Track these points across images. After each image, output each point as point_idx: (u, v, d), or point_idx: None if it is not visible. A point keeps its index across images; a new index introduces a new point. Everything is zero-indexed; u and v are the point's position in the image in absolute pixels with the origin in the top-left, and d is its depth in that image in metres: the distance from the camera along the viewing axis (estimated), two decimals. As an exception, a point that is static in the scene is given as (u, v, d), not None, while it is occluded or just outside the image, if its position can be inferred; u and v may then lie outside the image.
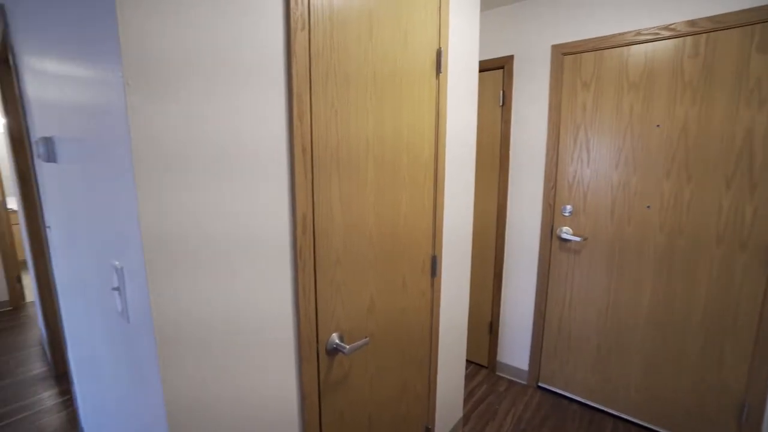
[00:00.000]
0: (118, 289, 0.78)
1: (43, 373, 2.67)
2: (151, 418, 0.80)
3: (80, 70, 0.82)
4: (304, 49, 0.87)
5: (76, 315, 1.53)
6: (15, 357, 2.88)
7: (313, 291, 0.96)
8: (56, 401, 2.36)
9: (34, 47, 1.30)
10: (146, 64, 0.63)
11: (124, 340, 0.88)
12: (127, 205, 0.69)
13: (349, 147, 1.01)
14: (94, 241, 0.96)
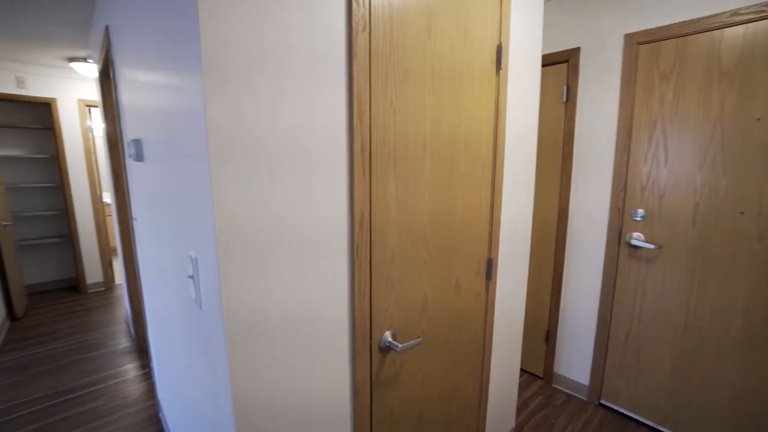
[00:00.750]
0: (193, 277, 0.86)
1: (128, 347, 3.01)
2: (218, 396, 0.86)
3: (167, 79, 0.91)
4: (364, 50, 0.88)
5: (155, 298, 1.71)
6: (106, 332, 3.28)
7: (368, 288, 0.98)
8: (138, 373, 2.65)
9: (129, 61, 1.47)
10: (223, 72, 0.68)
11: (196, 324, 0.96)
12: (203, 200, 0.75)
13: (406, 145, 1.01)
14: (173, 233, 1.07)
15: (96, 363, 2.79)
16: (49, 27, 2.69)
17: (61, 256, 4.30)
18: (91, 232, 4.19)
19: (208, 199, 0.71)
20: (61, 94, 3.91)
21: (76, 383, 2.54)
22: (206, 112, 0.67)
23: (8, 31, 2.74)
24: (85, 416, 2.22)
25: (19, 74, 3.69)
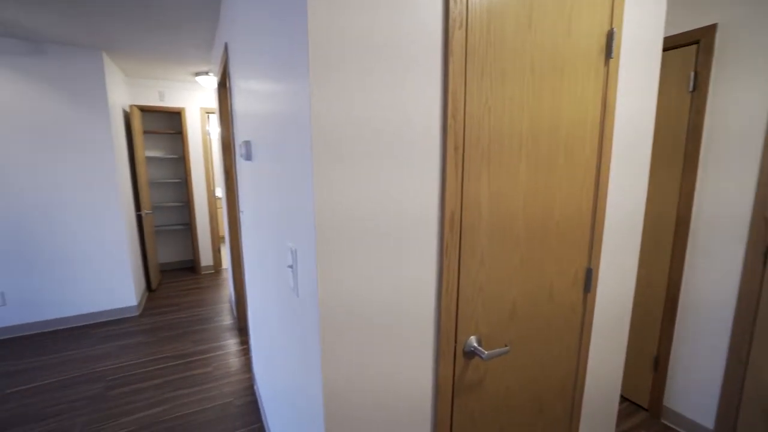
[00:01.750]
0: (292, 267, 0.94)
1: (231, 324, 3.42)
2: (309, 377, 0.93)
3: (276, 85, 1.00)
4: (460, 47, 0.87)
5: (255, 283, 1.91)
6: (214, 308, 3.78)
7: (455, 289, 0.96)
8: (237, 348, 3.00)
9: (242, 72, 1.66)
10: (325, 74, 0.72)
11: (292, 310, 1.05)
12: (305, 195, 0.82)
13: (501, 145, 0.97)
14: (275, 225, 1.18)
15: (206, 334, 3.23)
16: (183, 49, 3.19)
17: (184, 241, 5.07)
18: (206, 222, 4.86)
19: (310, 193, 0.77)
20: (189, 104, 4.60)
21: (192, 349, 2.97)
22: (311, 110, 0.72)
23: (154, 55, 3.32)
24: (199, 378, 2.59)
25: (160, 89, 4.44)
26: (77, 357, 2.88)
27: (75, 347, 3.04)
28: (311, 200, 0.76)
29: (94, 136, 3.27)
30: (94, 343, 3.10)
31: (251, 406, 2.30)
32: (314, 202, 0.75)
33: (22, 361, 2.83)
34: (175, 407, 2.29)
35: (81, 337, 3.21)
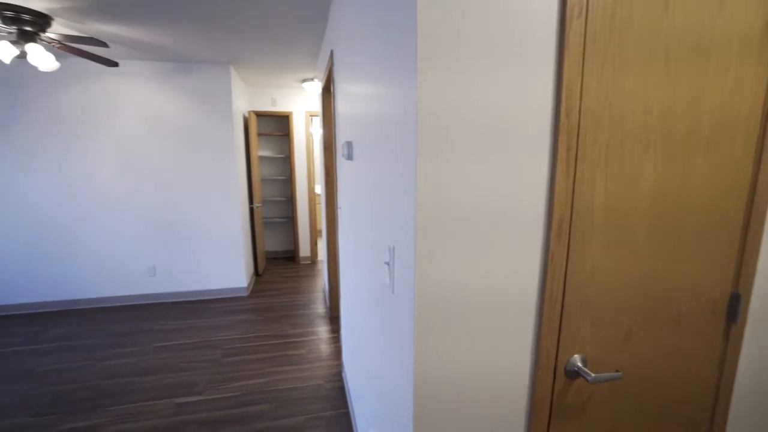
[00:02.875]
0: (389, 264, 0.97)
1: (323, 312, 3.68)
2: (400, 373, 0.95)
3: (380, 88, 1.04)
4: (578, 37, 0.79)
5: (349, 276, 2.02)
6: (309, 296, 4.10)
7: (559, 302, 0.88)
8: (329, 335, 3.22)
9: (347, 77, 1.77)
10: (433, 74, 0.73)
11: (386, 306, 1.08)
12: (407, 193, 0.83)
13: (622, 144, 0.86)
14: (373, 222, 1.22)
15: (302, 319, 3.53)
16: (293, 59, 3.52)
17: (286, 233, 5.61)
18: (305, 216, 5.30)
19: (412, 191, 0.79)
20: (295, 108, 5.07)
21: (289, 331, 3.28)
22: (417, 108, 0.73)
23: (269, 66, 3.74)
24: (294, 358, 2.85)
25: (273, 95, 4.98)
26: (202, 325, 3.41)
27: (200, 317, 3.59)
28: (413, 198, 0.78)
29: (220, 138, 3.82)
30: (213, 315, 3.63)
31: (339, 392, 2.45)
32: (416, 200, 0.76)
33: (168, 322, 3.46)
34: (275, 381, 2.55)
35: (204, 309, 3.78)
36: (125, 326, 3.40)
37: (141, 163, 3.70)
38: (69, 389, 2.49)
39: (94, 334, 3.26)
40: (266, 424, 2.15)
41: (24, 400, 2.38)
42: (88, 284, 3.80)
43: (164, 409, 2.28)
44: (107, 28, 2.67)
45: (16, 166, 3.49)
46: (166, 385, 2.52)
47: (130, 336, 3.21)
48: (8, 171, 3.49)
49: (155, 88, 3.63)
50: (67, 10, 2.35)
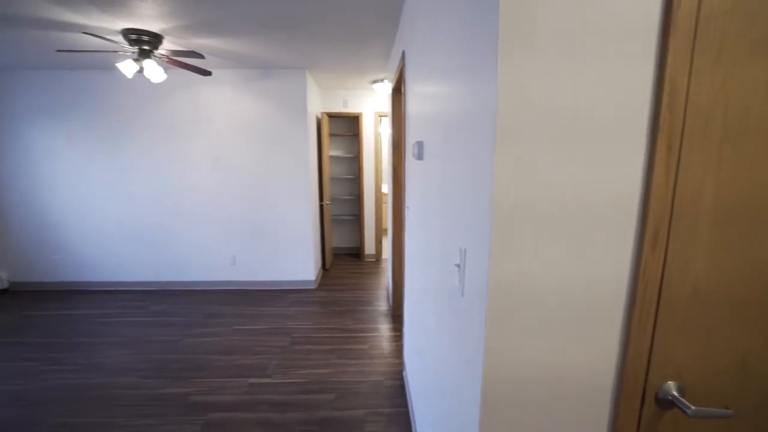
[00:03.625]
0: (459, 266, 0.94)
1: (386, 310, 3.73)
2: (467, 378, 0.92)
3: (455, 86, 1.02)
4: (688, 18, 0.69)
5: (415, 276, 2.02)
6: (373, 293, 4.19)
7: (650, 321, 0.78)
8: (390, 333, 3.25)
9: (418, 76, 1.76)
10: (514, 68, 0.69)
11: (454, 308, 1.06)
12: (480, 196, 0.81)
13: (740, 142, 0.73)
14: (443, 224, 1.21)
15: (365, 315, 3.62)
16: (364, 61, 3.62)
17: (352, 230, 5.80)
18: (372, 214, 5.42)
19: (487, 193, 0.76)
20: (365, 109, 5.20)
21: (353, 326, 3.38)
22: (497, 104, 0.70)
23: (342, 68, 3.89)
24: (356, 353, 2.93)
25: (344, 97, 5.17)
26: (274, 313, 3.66)
27: (272, 305, 3.86)
28: (488, 198, 0.75)
29: (295, 139, 4.07)
30: (284, 305, 3.88)
31: (399, 390, 2.46)
32: (492, 201, 0.73)
33: (245, 308, 3.79)
34: (338, 373, 2.65)
35: (277, 298, 4.06)
36: (210, 308, 3.79)
37: (228, 162, 4.10)
38: (166, 358, 2.84)
39: (185, 313, 3.69)
40: (329, 413, 2.24)
41: (133, 363, 2.78)
42: (181, 269, 4.30)
43: (239, 387, 2.50)
44: (204, 42, 2.99)
45: (129, 164, 4.09)
46: (241, 365, 2.76)
47: (213, 318, 3.57)
48: (124, 169, 4.09)
49: (240, 93, 3.98)
50: (174, 29, 2.68)
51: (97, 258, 4.29)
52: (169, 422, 2.17)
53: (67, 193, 4.15)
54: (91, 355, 2.92)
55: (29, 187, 4.13)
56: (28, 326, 3.43)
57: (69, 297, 4.12)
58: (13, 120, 3.99)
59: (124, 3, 2.23)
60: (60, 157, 4.08)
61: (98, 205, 4.18)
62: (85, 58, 3.44)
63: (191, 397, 2.39)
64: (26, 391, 2.48)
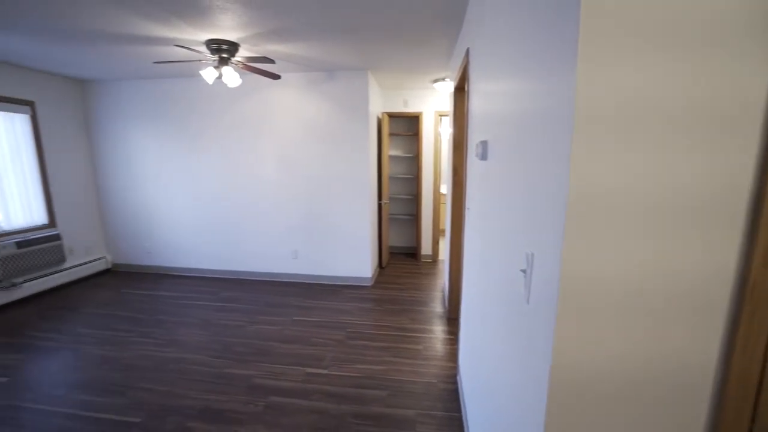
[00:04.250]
0: (525, 272, 0.89)
1: (441, 312, 3.67)
2: (530, 391, 0.87)
3: (528, 84, 0.97)
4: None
5: (473, 279, 1.96)
6: (429, 294, 4.15)
7: (758, 368, 0.67)
8: (445, 336, 3.19)
9: (483, 74, 1.70)
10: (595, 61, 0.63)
11: (517, 315, 1.01)
12: (552, 198, 0.75)
13: None
14: (508, 226, 1.15)
15: (420, 315, 3.59)
16: (426, 60, 3.59)
17: (409, 230, 5.80)
18: (429, 215, 5.37)
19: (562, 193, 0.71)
20: (425, 108, 5.17)
21: (408, 326, 3.38)
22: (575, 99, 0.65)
23: (403, 68, 3.90)
24: (410, 352, 2.92)
25: (405, 97, 5.19)
26: (331, 307, 3.79)
27: (330, 299, 4.00)
28: (562, 200, 0.70)
29: (356, 138, 4.17)
30: (341, 300, 4.00)
31: (452, 394, 2.41)
32: (566, 202, 0.68)
33: (304, 300, 3.97)
34: (391, 371, 2.67)
35: (334, 293, 4.20)
36: (273, 298, 4.03)
37: (292, 160, 4.32)
38: (232, 341, 3.08)
39: (251, 301, 3.96)
40: (381, 410, 2.26)
41: (204, 343, 3.05)
42: (248, 260, 4.63)
43: (297, 375, 2.62)
44: (275, 48, 3.18)
45: (206, 162, 4.49)
46: (300, 354, 2.89)
47: (276, 307, 3.79)
48: (201, 166, 4.50)
49: (305, 95, 4.18)
50: (250, 37, 2.89)
51: (178, 247, 4.77)
52: (234, 400, 2.34)
53: (156, 188, 4.67)
54: (170, 332, 3.26)
55: (127, 183, 4.72)
56: (123, 302, 3.93)
57: (154, 279, 4.64)
58: (115, 123, 4.59)
59: (208, 16, 2.45)
60: (150, 155, 4.61)
61: (180, 199, 4.65)
62: (173, 68, 3.84)
63: (254, 380, 2.56)
64: (118, 357, 2.85)
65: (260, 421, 2.17)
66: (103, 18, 2.47)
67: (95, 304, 3.90)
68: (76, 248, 4.54)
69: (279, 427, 2.12)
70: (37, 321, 3.49)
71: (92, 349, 2.98)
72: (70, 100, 4.47)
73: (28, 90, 3.96)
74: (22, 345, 3.06)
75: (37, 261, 3.98)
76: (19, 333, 3.26)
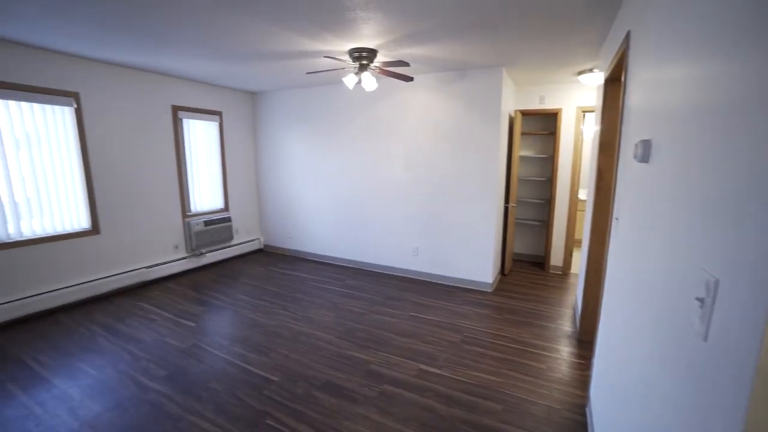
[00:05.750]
0: (702, 301, 0.71)
1: (570, 332, 3.27)
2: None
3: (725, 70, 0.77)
4: None
5: (618, 301, 1.67)
6: (556, 310, 3.74)
7: None
8: (572, 359, 2.82)
9: (650, 61, 1.43)
10: None
11: (687, 355, 0.81)
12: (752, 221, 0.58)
13: None
14: (677, 244, 0.94)
15: (544, 332, 3.26)
16: (570, 50, 3.20)
17: (537, 237, 5.32)
18: (562, 222, 4.83)
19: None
20: (565, 104, 4.65)
21: (529, 340, 3.11)
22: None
23: (542, 62, 3.56)
24: (532, 370, 2.68)
25: (541, 93, 4.76)
26: (447, 308, 3.76)
27: (447, 300, 3.97)
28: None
29: (486, 138, 4.01)
30: (458, 302, 3.92)
31: (578, 426, 2.12)
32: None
33: (422, 297, 4.05)
34: (507, 385, 2.49)
35: (451, 294, 4.15)
36: (391, 291, 4.22)
37: (418, 160, 4.42)
38: (354, 326, 3.34)
39: (372, 291, 4.22)
40: (493, 424, 2.13)
41: (331, 323, 3.39)
42: (372, 252, 4.95)
43: (411, 369, 2.68)
44: (409, 51, 3.28)
45: (340, 160, 4.95)
46: (414, 349, 2.95)
47: (395, 300, 3.96)
48: (336, 164, 4.99)
49: (434, 95, 4.21)
50: (387, 43, 3.06)
51: (314, 235, 5.41)
52: (353, 381, 2.53)
53: (301, 184, 5.39)
54: (304, 309, 3.72)
55: (279, 176, 5.58)
56: (269, 278, 4.66)
57: (293, 261, 5.38)
58: (274, 126, 5.46)
59: (352, 27, 2.68)
60: (298, 155, 5.33)
61: (319, 194, 5.26)
62: (320, 76, 4.34)
63: (371, 366, 2.72)
64: (265, 323, 3.39)
65: (374, 405, 2.29)
66: (270, 37, 2.94)
67: (250, 276, 4.73)
68: (240, 230, 5.59)
69: (390, 415, 2.21)
70: (212, 284, 4.43)
71: (247, 313, 3.62)
72: (245, 110, 5.51)
73: (218, 103, 5.05)
74: (204, 300, 3.92)
75: (216, 237, 5.04)
76: (201, 291, 4.19)
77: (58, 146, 3.54)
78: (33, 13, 2.48)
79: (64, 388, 2.43)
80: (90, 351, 2.90)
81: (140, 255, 4.28)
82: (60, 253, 3.59)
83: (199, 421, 2.14)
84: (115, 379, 2.54)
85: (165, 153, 4.44)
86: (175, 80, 4.47)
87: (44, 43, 3.14)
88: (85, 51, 3.38)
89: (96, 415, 2.18)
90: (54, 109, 3.47)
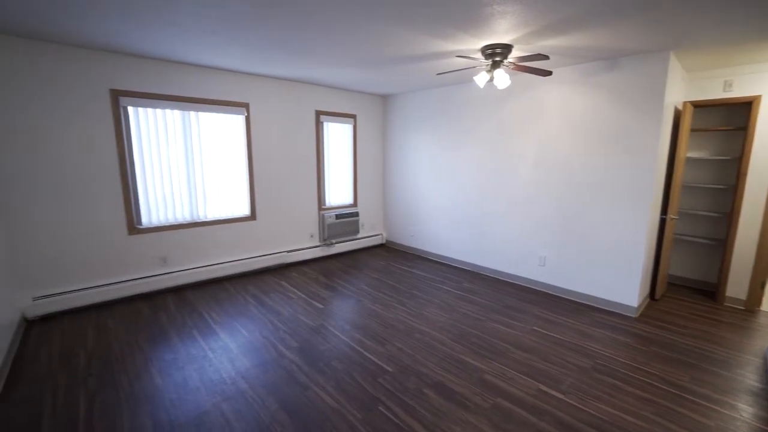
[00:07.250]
0: None
1: (758, 389, 2.51)
2: None
3: None
4: None
5: None
6: (733, 356, 2.92)
7: None
8: (757, 425, 2.16)
9: None
10: None
11: None
12: None
13: None
14: None
15: (713, 379, 2.59)
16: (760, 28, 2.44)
17: (706, 258, 4.27)
18: (751, 242, 3.74)
19: None
20: (764, 91, 3.59)
21: (688, 385, 2.51)
22: None
23: (728, 38, 2.80)
24: (687, 422, 2.16)
25: (727, 78, 3.79)
26: (577, 328, 3.32)
27: (576, 319, 3.51)
28: None
29: (640, 136, 3.39)
30: (589, 323, 3.43)
31: None
32: None
33: (547, 312, 3.68)
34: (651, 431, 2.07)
35: (581, 313, 3.65)
36: (512, 301, 3.94)
37: (552, 160, 4.01)
38: (469, 331, 3.24)
39: (490, 298, 4.02)
40: (633, 475, 1.79)
41: (445, 324, 3.36)
42: (492, 257, 4.72)
43: (529, 387, 2.45)
44: (548, 43, 3.00)
45: (465, 159, 4.84)
46: (534, 367, 2.69)
47: (514, 311, 3.69)
48: (461, 163, 4.90)
49: (574, 89, 3.75)
50: (523, 37, 2.85)
51: (434, 235, 5.45)
52: (465, 387, 2.46)
53: (425, 184, 5.49)
54: (420, 306, 3.78)
55: (403, 176, 5.79)
56: (390, 272, 4.88)
57: (412, 259, 5.51)
58: (402, 127, 5.70)
59: (487, 23, 2.58)
60: (423, 156, 5.44)
61: (441, 194, 5.26)
62: (450, 77, 4.32)
63: (485, 375, 2.59)
64: (383, 314, 3.56)
65: (486, 417, 2.18)
66: (401, 43, 3.06)
67: (372, 269, 5.04)
68: (366, 224, 6.01)
69: (503, 431, 2.07)
70: (339, 272, 4.88)
71: (367, 303, 3.87)
72: (375, 112, 5.89)
73: (352, 106, 5.53)
74: (332, 286, 4.35)
75: (345, 229, 5.54)
76: (330, 278, 4.66)
77: (234, 148, 4.43)
78: (229, 45, 3.14)
79: (226, 341, 3.02)
80: (244, 316, 3.52)
81: (284, 240, 5.02)
82: (229, 234, 4.48)
83: (321, 393, 2.39)
84: (260, 342, 3.02)
85: (308, 152, 5.10)
86: (318, 88, 5.07)
87: (225, 65, 3.95)
88: (254, 68, 4.12)
89: (246, 369, 2.64)
90: (231, 118, 4.35)
